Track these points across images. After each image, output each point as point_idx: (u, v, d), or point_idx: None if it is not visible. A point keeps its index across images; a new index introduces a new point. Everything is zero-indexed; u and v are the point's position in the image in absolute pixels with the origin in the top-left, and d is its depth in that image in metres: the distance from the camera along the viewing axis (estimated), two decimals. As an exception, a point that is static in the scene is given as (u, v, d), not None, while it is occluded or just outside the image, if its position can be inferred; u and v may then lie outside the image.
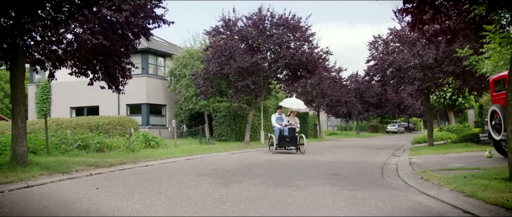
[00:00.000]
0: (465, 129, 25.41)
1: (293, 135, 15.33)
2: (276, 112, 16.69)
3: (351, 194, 5.84)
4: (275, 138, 15.31)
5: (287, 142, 15.10)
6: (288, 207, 4.95)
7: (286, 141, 15.09)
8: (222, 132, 24.18)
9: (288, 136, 15.19)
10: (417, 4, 7.43)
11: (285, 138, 15.10)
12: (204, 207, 4.99)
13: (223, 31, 20.40)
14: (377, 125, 60.38)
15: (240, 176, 8.05)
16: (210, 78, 20.44)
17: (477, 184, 5.81)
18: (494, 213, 4.44)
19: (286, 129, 15.38)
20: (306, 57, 19.88)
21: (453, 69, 16.73)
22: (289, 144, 15.14)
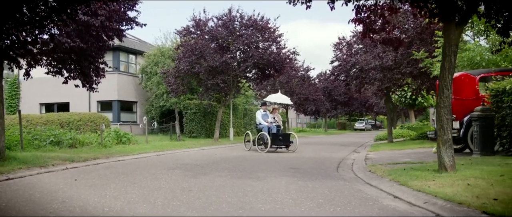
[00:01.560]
0: (424, 127, 26.76)
1: (286, 133, 15.16)
2: (260, 108, 16.04)
3: (304, 184, 6.65)
4: (267, 136, 14.36)
5: (280, 141, 14.50)
6: (246, 194, 5.71)
7: (279, 139, 14.49)
8: (192, 129, 24.77)
9: (281, 135, 14.75)
10: (368, 15, 8.29)
11: (278, 137, 14.51)
12: (173, 194, 5.70)
13: (194, 30, 21.01)
14: (345, 122, 61.91)
15: (208, 169, 8.77)
16: (181, 77, 21.01)
17: (411, 175, 6.73)
18: (416, 197, 5.32)
19: (273, 126, 14.81)
20: (273, 57, 20.71)
21: (411, 70, 17.87)
22: (282, 143, 14.55)
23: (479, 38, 15.74)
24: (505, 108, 9.58)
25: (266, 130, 14.60)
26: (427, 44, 16.76)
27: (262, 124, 14.98)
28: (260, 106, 16.37)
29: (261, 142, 14.69)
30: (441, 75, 7.06)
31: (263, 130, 14.74)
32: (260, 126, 15.11)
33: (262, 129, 14.85)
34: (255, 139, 15.02)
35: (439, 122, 6.89)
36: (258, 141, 14.74)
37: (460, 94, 11.15)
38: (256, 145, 14.77)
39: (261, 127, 14.94)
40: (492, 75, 11.08)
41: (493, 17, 7.80)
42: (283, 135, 14.72)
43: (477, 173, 6.42)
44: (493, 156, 9.18)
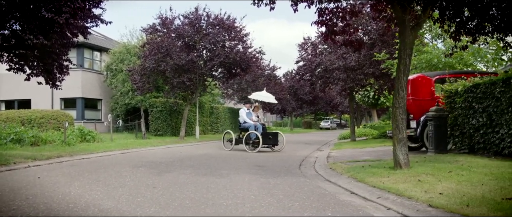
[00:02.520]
0: (386, 126, 27.53)
1: (274, 132, 14.81)
2: (244, 106, 15.53)
3: (266, 181, 6.88)
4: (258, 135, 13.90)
5: (270, 140, 14.15)
6: (209, 191, 5.89)
7: (268, 138, 14.13)
8: (158, 127, 24.69)
9: (270, 133, 14.45)
10: (329, 17, 8.59)
11: (268, 136, 14.16)
12: (137, 191, 5.82)
13: (160, 28, 20.96)
14: (310, 121, 62.76)
15: (172, 167, 8.89)
16: (146, 74, 20.92)
17: (368, 172, 7.07)
18: (370, 193, 5.64)
19: (259, 125, 14.38)
20: (240, 56, 20.90)
21: (373, 71, 18.41)
22: (272, 142, 14.23)
23: (437, 41, 16.40)
24: (457, 108, 10.09)
25: (253, 129, 14.18)
26: (389, 46, 17.32)
27: (248, 123, 14.54)
28: (244, 104, 15.87)
29: (249, 141, 14.19)
30: (396, 77, 7.43)
31: (249, 129, 14.27)
32: (245, 125, 14.62)
33: (248, 128, 14.37)
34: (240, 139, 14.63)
35: (395, 121, 7.26)
36: (246, 140, 14.18)
37: (418, 94, 11.63)
38: (244, 144, 14.21)
39: (247, 126, 14.46)
40: (447, 77, 11.62)
41: (446, 22, 8.25)
42: (272, 134, 14.42)
43: (429, 170, 6.81)
44: (446, 154, 9.65)
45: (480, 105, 9.12)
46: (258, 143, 13.84)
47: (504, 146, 8.31)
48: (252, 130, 14.15)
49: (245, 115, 14.79)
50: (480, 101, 9.11)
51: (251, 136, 14.13)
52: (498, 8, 7.76)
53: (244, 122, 14.71)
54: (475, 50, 13.55)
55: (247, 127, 14.46)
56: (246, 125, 14.56)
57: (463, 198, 4.69)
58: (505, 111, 8.23)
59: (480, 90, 9.13)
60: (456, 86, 10.25)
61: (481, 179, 5.78)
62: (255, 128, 14.18)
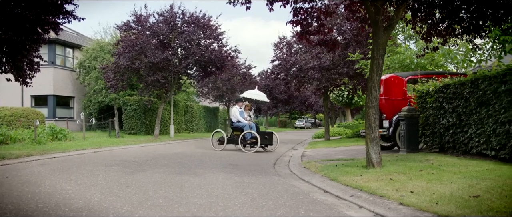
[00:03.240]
0: (359, 125, 27.89)
1: (269, 131, 14.46)
2: (236, 104, 15.04)
3: (240, 180, 6.89)
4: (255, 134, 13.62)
5: (266, 139, 13.88)
6: (183, 189, 5.86)
7: (265, 138, 13.84)
8: (132, 125, 24.42)
9: (266, 133, 14.14)
10: (304, 17, 8.65)
11: (264, 135, 13.88)
12: (110, 190, 5.75)
13: (134, 26, 20.71)
14: (285, 120, 63.06)
15: (146, 166, 8.81)
16: (120, 72, 20.65)
17: (342, 171, 7.16)
18: (343, 191, 5.71)
19: (253, 125, 14.12)
20: (215, 54, 20.84)
21: (347, 71, 18.62)
22: (267, 142, 13.96)
23: (409, 42, 16.70)
24: (429, 108, 10.31)
25: (249, 128, 13.86)
26: (363, 46, 17.56)
27: (242, 122, 14.17)
28: (236, 102, 15.32)
29: (246, 141, 13.85)
30: (369, 77, 7.54)
31: (244, 128, 13.90)
32: (239, 124, 14.22)
33: (243, 127, 14.01)
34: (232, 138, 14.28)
35: (368, 121, 7.37)
36: (242, 140, 13.81)
37: (390, 94, 11.83)
38: (240, 144, 13.81)
39: (241, 125, 14.09)
40: (419, 77, 11.86)
41: (418, 24, 8.42)
42: (267, 134, 14.13)
43: (400, 169, 6.93)
44: (417, 153, 9.85)
45: (450, 105, 9.34)
46: (256, 143, 13.54)
47: (472, 145, 8.53)
48: (248, 129, 13.83)
49: (238, 114, 14.41)
50: (450, 101, 9.33)
51: (246, 136, 13.81)
52: (468, 11, 7.97)
53: (238, 121, 14.31)
54: (445, 52, 13.87)
55: (241, 126, 14.09)
56: (240, 124, 14.18)
57: (432, 196, 4.79)
58: (473, 111, 8.45)
59: (450, 91, 9.34)
60: (428, 87, 10.47)
61: (450, 177, 5.92)
62: (249, 128, 13.89)
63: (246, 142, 13.85)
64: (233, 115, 14.57)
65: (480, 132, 8.24)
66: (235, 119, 14.41)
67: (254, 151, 13.41)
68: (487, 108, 8.00)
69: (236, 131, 14.36)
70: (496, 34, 11.47)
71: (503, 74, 7.52)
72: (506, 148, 7.46)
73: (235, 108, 14.68)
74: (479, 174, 6.09)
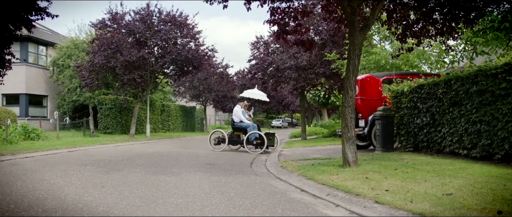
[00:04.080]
0: (336, 125, 28.15)
1: (272, 132, 13.99)
2: (238, 104, 14.52)
3: (217, 179, 6.87)
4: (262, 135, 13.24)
5: (270, 140, 13.46)
6: (159, 189, 5.81)
7: (269, 139, 13.38)
8: (107, 124, 24.10)
9: (270, 134, 13.71)
10: (281, 17, 8.68)
11: (268, 136, 13.40)
12: (85, 190, 5.66)
13: (110, 24, 20.45)
14: (262, 120, 63.11)
15: (122, 165, 8.70)
16: (95, 71, 20.36)
17: (318, 170, 7.21)
18: (320, 190, 5.76)
19: (255, 125, 13.78)
20: (192, 54, 20.76)
21: (324, 71, 18.75)
22: (272, 142, 13.58)
23: (385, 43, 16.94)
24: (403, 108, 10.47)
25: (253, 129, 13.47)
26: (339, 46, 17.70)
27: (245, 123, 13.79)
28: (238, 102, 14.76)
29: (253, 142, 13.35)
30: (346, 77, 7.61)
31: (248, 129, 13.50)
32: (242, 124, 13.81)
33: (246, 128, 13.60)
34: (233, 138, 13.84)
35: (344, 120, 7.44)
36: (248, 141, 13.34)
37: (366, 94, 11.97)
38: (245, 145, 13.34)
39: (245, 126, 13.69)
40: (394, 77, 12.04)
41: (393, 25, 8.55)
42: (271, 135, 13.73)
43: (376, 168, 7.03)
44: (392, 152, 10.00)
45: (424, 105, 9.51)
46: (262, 144, 13.17)
47: (445, 144, 8.71)
48: (252, 130, 13.45)
49: (241, 114, 13.99)
50: (424, 101, 9.50)
51: (251, 137, 13.35)
52: (441, 12, 8.13)
53: (240, 121, 13.89)
54: (420, 52, 14.12)
55: (245, 127, 13.69)
56: (243, 124, 13.79)
57: (407, 194, 4.87)
58: (446, 111, 8.62)
59: (424, 91, 9.51)
60: (402, 87, 10.63)
61: (424, 176, 6.03)
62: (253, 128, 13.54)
63: (252, 143, 13.39)
64: (235, 115, 14.10)
65: (453, 132, 8.41)
66: (238, 119, 13.97)
67: (261, 152, 13.04)
68: (459, 108, 8.18)
69: (237, 132, 13.98)
70: (468, 36, 11.74)
71: (474, 75, 7.70)
72: (477, 147, 7.64)
73: (238, 107, 14.22)
74: (452, 172, 6.22)
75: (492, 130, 7.25)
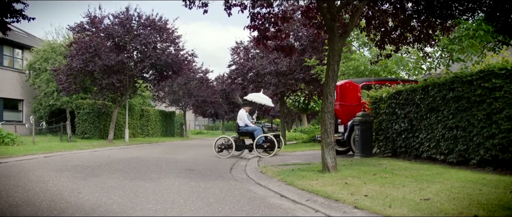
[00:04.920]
0: (315, 130, 28.29)
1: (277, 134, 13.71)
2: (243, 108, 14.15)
3: (196, 185, 6.82)
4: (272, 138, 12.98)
5: (277, 142, 13.20)
6: (138, 195, 5.74)
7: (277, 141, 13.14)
8: (85, 129, 23.74)
9: (276, 135, 13.49)
10: (262, 22, 8.71)
11: (276, 138, 13.18)
12: (61, 196, 5.54)
13: (88, 27, 20.21)
14: (242, 125, 63.10)
15: (99, 171, 8.57)
16: (73, 75, 20.07)
17: (298, 175, 7.22)
18: (300, 195, 5.76)
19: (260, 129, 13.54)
20: (171, 58, 20.66)
21: (303, 76, 18.88)
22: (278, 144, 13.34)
23: (364, 49, 17.13)
24: (382, 114, 10.59)
25: (260, 132, 13.20)
26: (319, 52, 17.85)
27: (252, 126, 13.53)
28: (243, 106, 14.36)
29: (264, 145, 13.02)
30: (325, 82, 7.66)
31: (256, 133, 13.24)
32: (248, 128, 13.51)
33: (253, 131, 13.36)
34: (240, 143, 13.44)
35: (323, 126, 7.48)
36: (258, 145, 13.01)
37: (345, 100, 12.06)
38: (255, 149, 13.04)
39: (251, 130, 13.42)
40: (373, 83, 12.16)
41: (372, 31, 8.65)
42: (276, 136, 13.49)
43: (355, 173, 7.08)
44: (371, 158, 10.09)
45: (402, 111, 9.63)
46: (272, 147, 12.89)
47: (423, 150, 8.83)
48: (260, 133, 13.19)
49: (247, 118, 13.66)
50: (402, 107, 9.62)
51: (259, 140, 13.04)
52: (419, 20, 8.26)
53: (246, 125, 13.59)
54: (398, 59, 14.32)
55: (251, 131, 13.42)
56: (250, 128, 13.50)
57: (386, 199, 4.91)
58: (424, 117, 8.74)
59: (402, 97, 9.63)
60: (381, 93, 10.75)
61: (403, 181, 6.09)
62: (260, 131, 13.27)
63: (262, 147, 13.07)
64: (241, 119, 13.74)
65: (430, 137, 8.53)
66: (243, 123, 13.65)
67: (272, 155, 12.71)
68: (436, 114, 8.30)
69: (243, 136, 13.69)
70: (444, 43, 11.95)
71: (451, 82, 7.83)
72: (454, 152, 7.76)
73: (243, 111, 13.87)
74: (429, 177, 6.30)
75: (468, 135, 7.38)
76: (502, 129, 6.61)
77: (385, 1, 8.38)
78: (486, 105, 6.94)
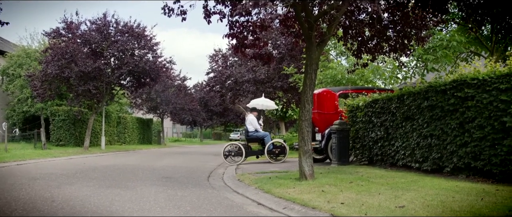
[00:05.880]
0: (293, 139, 28.36)
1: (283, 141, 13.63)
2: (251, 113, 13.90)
3: (173, 193, 6.77)
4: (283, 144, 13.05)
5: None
6: (113, 204, 5.67)
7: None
8: (60, 137, 23.30)
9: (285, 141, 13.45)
10: (240, 30, 8.74)
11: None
12: (33, 205, 5.43)
13: (64, 33, 19.94)
14: (220, 133, 62.93)
15: (74, 179, 8.43)
16: (48, 81, 19.73)
17: (275, 183, 7.25)
18: (277, 203, 5.78)
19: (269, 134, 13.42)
20: (149, 65, 20.53)
21: (282, 84, 19.00)
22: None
23: (341, 58, 17.35)
24: (359, 122, 10.71)
25: (270, 138, 13.09)
26: (297, 61, 18.00)
27: (262, 132, 13.35)
28: (251, 111, 14.05)
29: (275, 151, 12.95)
30: (303, 91, 7.72)
31: (266, 139, 12.99)
32: (258, 134, 13.27)
33: (263, 137, 13.11)
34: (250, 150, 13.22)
35: (301, 134, 7.53)
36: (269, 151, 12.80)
37: (323, 108, 12.16)
38: (266, 155, 12.80)
39: (262, 135, 13.19)
40: (350, 92, 12.30)
41: (349, 41, 8.77)
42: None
43: (332, 181, 7.13)
44: (348, 166, 10.18)
45: (378, 119, 9.76)
46: (283, 153, 12.83)
47: (398, 158, 8.95)
48: (270, 139, 12.99)
49: (257, 123, 13.41)
50: (378, 115, 9.75)
51: (270, 146, 12.85)
52: (394, 30, 8.42)
53: (256, 131, 13.28)
54: (374, 68, 14.54)
55: (262, 136, 13.17)
56: (260, 134, 13.26)
57: (362, 207, 4.96)
58: (399, 125, 8.88)
59: (378, 106, 9.77)
60: (358, 101, 10.87)
61: (378, 189, 6.17)
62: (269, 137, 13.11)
63: (273, 153, 12.97)
64: (250, 123, 13.41)
65: (406, 145, 8.67)
66: (253, 128, 13.32)
67: (282, 161, 12.68)
68: (411, 122, 8.45)
69: (251, 142, 13.42)
70: (420, 53, 12.22)
71: (425, 91, 7.98)
72: (428, 160, 7.90)
73: (252, 116, 13.56)
74: (405, 185, 6.40)
75: (442, 144, 7.52)
76: (474, 137, 6.76)
77: (361, 11, 8.51)
78: (459, 114, 7.09)
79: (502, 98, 6.31)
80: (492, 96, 6.49)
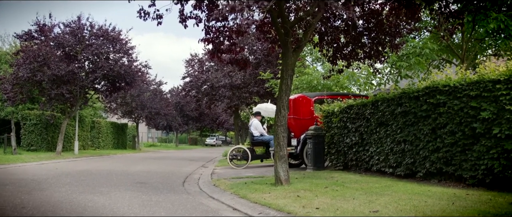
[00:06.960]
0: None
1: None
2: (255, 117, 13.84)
3: (148, 198, 6.70)
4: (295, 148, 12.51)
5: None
6: (86, 209, 5.57)
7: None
8: (31, 141, 22.76)
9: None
10: (216, 35, 8.72)
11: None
12: (2, 212, 5.29)
13: (37, 35, 19.54)
14: (196, 138, 62.62)
15: (46, 184, 8.25)
16: (19, 84, 19.28)
17: (251, 188, 7.25)
18: (252, 209, 5.78)
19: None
20: (124, 69, 20.29)
21: (258, 89, 19.03)
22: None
23: (317, 64, 17.51)
24: (334, 128, 10.81)
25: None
26: (273, 66, 18.08)
27: (267, 136, 13.38)
28: (255, 115, 13.98)
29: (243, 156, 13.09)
30: (279, 96, 7.76)
31: (271, 142, 12.70)
32: (264, 137, 13.33)
33: (269, 141, 13.08)
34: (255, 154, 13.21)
35: (276, 139, 7.56)
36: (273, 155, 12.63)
37: (299, 114, 12.23)
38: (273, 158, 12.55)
39: (267, 139, 13.21)
40: (325, 98, 12.42)
41: (324, 47, 8.86)
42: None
43: (307, 186, 7.17)
44: (323, 171, 10.26)
45: (353, 125, 9.86)
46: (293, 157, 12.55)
47: (373, 163, 9.07)
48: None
49: (261, 127, 13.47)
50: (353, 121, 9.86)
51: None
52: (369, 37, 8.55)
53: (261, 135, 13.34)
54: (349, 74, 14.72)
55: (267, 140, 13.20)
56: (265, 138, 13.29)
57: (336, 212, 5.00)
58: (374, 131, 9.00)
59: (353, 111, 9.88)
60: (333, 107, 10.97)
61: (353, 194, 6.23)
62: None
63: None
64: (256, 128, 13.46)
65: (380, 151, 8.79)
66: (258, 132, 13.39)
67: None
68: (385, 128, 8.57)
69: (256, 146, 13.41)
70: (393, 60, 12.42)
71: (399, 97, 8.12)
72: (401, 165, 8.02)
73: (257, 121, 13.59)
74: (379, 190, 6.48)
75: (415, 149, 7.66)
76: (445, 143, 6.91)
77: (337, 18, 8.62)
78: (431, 120, 7.24)
79: (472, 105, 6.47)
80: (463, 103, 6.65)
